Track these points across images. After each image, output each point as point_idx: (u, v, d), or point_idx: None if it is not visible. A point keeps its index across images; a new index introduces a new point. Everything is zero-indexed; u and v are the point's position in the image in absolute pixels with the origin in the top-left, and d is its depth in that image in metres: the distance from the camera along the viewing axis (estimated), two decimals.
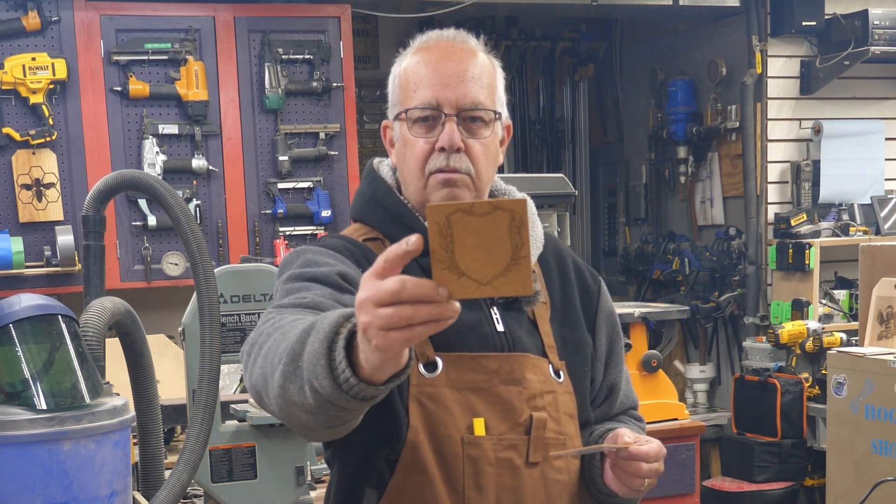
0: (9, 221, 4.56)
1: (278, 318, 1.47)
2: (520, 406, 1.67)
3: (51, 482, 1.62)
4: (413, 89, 1.69)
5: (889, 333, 4.21)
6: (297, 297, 1.54)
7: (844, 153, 5.64)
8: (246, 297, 2.83)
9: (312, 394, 1.28)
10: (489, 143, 1.70)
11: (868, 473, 3.86)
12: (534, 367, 1.70)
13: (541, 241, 1.80)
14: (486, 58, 1.73)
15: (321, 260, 1.63)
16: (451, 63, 1.68)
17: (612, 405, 1.85)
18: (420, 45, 1.73)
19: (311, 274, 1.59)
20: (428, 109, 1.67)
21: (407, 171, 1.72)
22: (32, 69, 4.48)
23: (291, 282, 1.60)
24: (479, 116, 1.68)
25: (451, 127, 1.66)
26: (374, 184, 1.78)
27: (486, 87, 1.69)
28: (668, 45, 6.43)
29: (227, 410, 2.92)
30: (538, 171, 6.90)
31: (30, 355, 1.68)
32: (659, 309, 4.95)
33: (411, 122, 1.69)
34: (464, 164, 1.67)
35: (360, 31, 6.14)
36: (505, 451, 1.65)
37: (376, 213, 1.75)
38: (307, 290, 1.56)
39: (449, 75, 1.67)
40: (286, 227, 4.92)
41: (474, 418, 1.64)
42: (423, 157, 1.68)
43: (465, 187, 1.68)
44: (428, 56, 1.70)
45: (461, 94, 1.66)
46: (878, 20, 5.34)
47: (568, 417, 1.73)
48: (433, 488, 1.62)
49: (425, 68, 1.68)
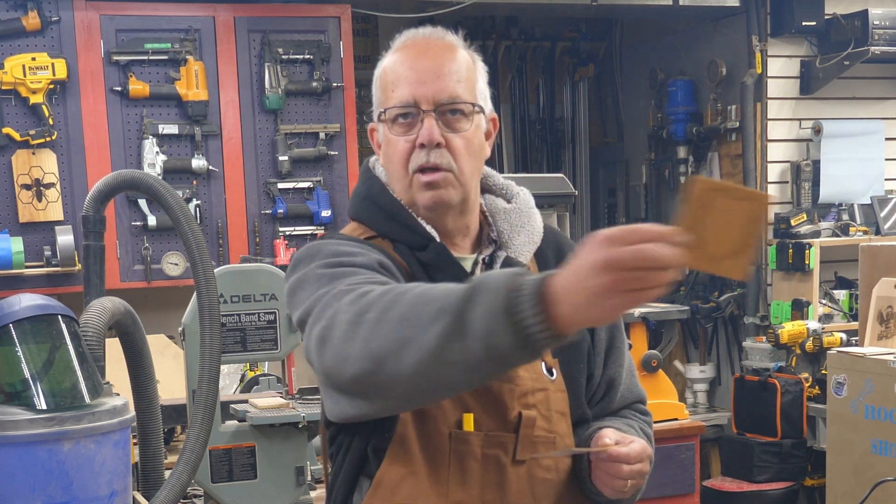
0: (9, 221, 4.56)
1: (369, 289, 1.44)
2: (510, 403, 1.67)
3: (51, 482, 1.62)
4: (391, 89, 1.69)
5: (889, 333, 4.21)
6: (357, 280, 1.51)
7: (844, 153, 5.63)
8: (246, 297, 2.83)
9: (485, 350, 1.29)
10: (471, 137, 1.70)
11: (868, 473, 3.86)
12: (526, 365, 1.70)
13: (539, 234, 1.80)
14: (464, 52, 1.73)
15: (352, 249, 1.63)
16: (427, 60, 1.69)
17: (612, 400, 1.84)
18: (399, 44, 1.74)
19: (351, 262, 1.58)
20: (407, 107, 1.67)
21: (392, 170, 1.72)
22: (32, 69, 4.48)
23: (331, 268, 1.58)
24: (459, 109, 1.68)
25: (429, 122, 1.66)
26: (369, 183, 1.78)
27: (463, 80, 1.69)
28: (668, 45, 6.43)
29: (227, 410, 2.92)
30: (538, 171, 6.89)
31: (30, 355, 1.68)
32: (659, 309, 4.95)
33: (391, 121, 1.69)
34: (445, 159, 1.67)
35: (360, 31, 6.14)
36: (492, 448, 1.65)
37: (371, 211, 1.76)
38: (356, 273, 1.54)
39: (425, 72, 1.67)
40: (286, 227, 4.92)
41: (464, 413, 1.64)
42: (406, 156, 1.68)
43: (450, 185, 1.68)
44: (405, 54, 1.70)
45: (438, 89, 1.67)
46: (878, 20, 5.33)
47: (559, 416, 1.72)
48: (417, 480, 1.62)
49: (402, 66, 1.69)
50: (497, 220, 1.79)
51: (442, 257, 1.70)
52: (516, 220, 1.78)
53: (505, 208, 1.80)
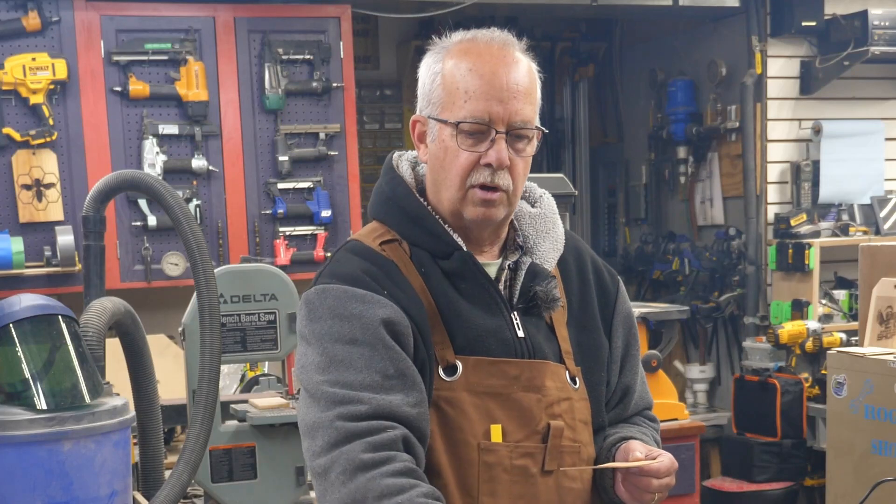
0: (9, 221, 4.56)
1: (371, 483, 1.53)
2: (538, 414, 1.67)
3: (51, 482, 1.61)
4: (463, 98, 1.65)
5: (889, 333, 4.21)
6: (351, 408, 1.57)
7: (844, 153, 5.63)
8: (246, 297, 2.83)
9: None
10: (529, 159, 1.70)
11: (868, 473, 3.86)
12: (553, 375, 1.70)
13: (562, 241, 1.79)
14: (530, 66, 1.71)
15: (353, 323, 1.62)
16: (503, 76, 1.65)
17: (626, 407, 1.84)
18: (466, 45, 1.69)
19: (350, 382, 1.59)
20: (480, 124, 1.64)
21: (445, 178, 1.69)
22: (32, 69, 4.48)
23: (330, 370, 1.61)
24: (527, 134, 1.68)
25: (501, 145, 1.64)
26: (394, 183, 1.76)
27: (533, 101, 1.69)
28: (668, 45, 6.43)
29: (227, 410, 2.92)
30: (538, 171, 6.87)
31: (30, 355, 1.68)
32: (659, 309, 4.96)
33: (459, 132, 1.66)
34: (506, 181, 1.66)
35: (360, 31, 6.14)
36: (521, 459, 1.65)
37: (395, 214, 1.74)
38: (356, 394, 1.58)
39: (502, 90, 1.65)
40: (286, 227, 4.92)
41: (492, 424, 1.64)
42: (467, 170, 1.66)
43: (501, 205, 1.68)
44: (478, 63, 1.66)
45: (513, 111, 1.65)
46: (877, 20, 5.33)
47: (583, 424, 1.73)
48: (447, 493, 1.62)
49: (477, 79, 1.65)
50: (523, 226, 1.78)
51: (468, 266, 1.69)
52: (541, 226, 1.78)
53: (530, 213, 1.79)
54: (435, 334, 1.65)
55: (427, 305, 1.65)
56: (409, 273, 1.68)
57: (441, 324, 1.66)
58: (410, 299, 1.65)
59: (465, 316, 1.67)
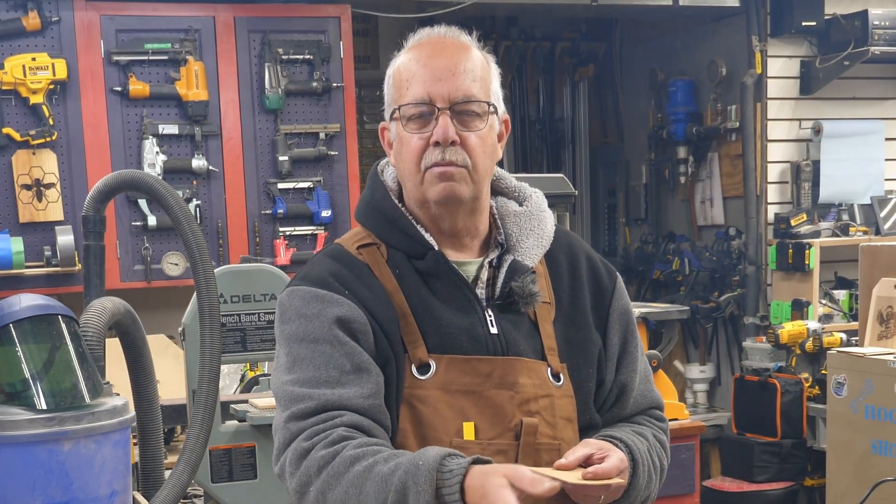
0: (9, 221, 4.56)
1: (313, 461, 1.58)
2: (511, 411, 1.66)
3: (51, 482, 1.61)
4: (406, 86, 1.69)
5: (889, 333, 4.21)
6: (301, 406, 1.63)
7: (844, 153, 5.64)
8: (246, 297, 2.83)
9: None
10: (485, 136, 1.69)
11: (868, 473, 3.86)
12: (528, 371, 1.69)
13: (549, 238, 1.79)
14: (478, 52, 1.73)
15: (314, 311, 1.67)
16: (442, 58, 1.68)
17: (624, 406, 1.82)
18: (413, 42, 1.74)
19: (306, 378, 1.65)
20: (421, 105, 1.67)
21: (404, 168, 1.72)
22: (32, 69, 4.48)
23: (292, 370, 1.66)
24: (473, 109, 1.68)
25: (444, 120, 1.66)
26: (374, 188, 1.79)
27: (478, 79, 1.69)
28: (668, 45, 6.43)
29: (227, 410, 2.92)
30: (538, 171, 6.90)
31: (30, 355, 1.67)
32: (659, 309, 4.96)
33: (405, 119, 1.69)
34: (460, 156, 1.67)
35: (360, 31, 6.14)
36: (493, 457, 1.62)
37: (375, 217, 1.77)
38: (308, 394, 1.63)
39: (440, 70, 1.67)
40: (286, 227, 4.92)
41: (464, 422, 1.64)
42: (419, 153, 1.68)
43: (463, 180, 1.68)
44: (419, 52, 1.70)
45: (453, 87, 1.66)
46: (877, 20, 5.33)
47: (565, 422, 1.71)
48: None
49: (416, 64, 1.69)
50: (506, 223, 1.78)
51: (440, 265, 1.70)
52: (526, 224, 1.77)
53: (515, 211, 1.79)
54: (408, 334, 1.67)
55: (398, 305, 1.68)
56: (382, 275, 1.70)
57: (414, 323, 1.67)
58: (378, 299, 1.67)
59: (438, 314, 1.68)
